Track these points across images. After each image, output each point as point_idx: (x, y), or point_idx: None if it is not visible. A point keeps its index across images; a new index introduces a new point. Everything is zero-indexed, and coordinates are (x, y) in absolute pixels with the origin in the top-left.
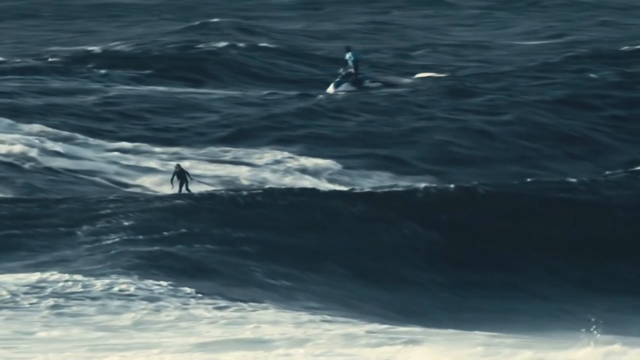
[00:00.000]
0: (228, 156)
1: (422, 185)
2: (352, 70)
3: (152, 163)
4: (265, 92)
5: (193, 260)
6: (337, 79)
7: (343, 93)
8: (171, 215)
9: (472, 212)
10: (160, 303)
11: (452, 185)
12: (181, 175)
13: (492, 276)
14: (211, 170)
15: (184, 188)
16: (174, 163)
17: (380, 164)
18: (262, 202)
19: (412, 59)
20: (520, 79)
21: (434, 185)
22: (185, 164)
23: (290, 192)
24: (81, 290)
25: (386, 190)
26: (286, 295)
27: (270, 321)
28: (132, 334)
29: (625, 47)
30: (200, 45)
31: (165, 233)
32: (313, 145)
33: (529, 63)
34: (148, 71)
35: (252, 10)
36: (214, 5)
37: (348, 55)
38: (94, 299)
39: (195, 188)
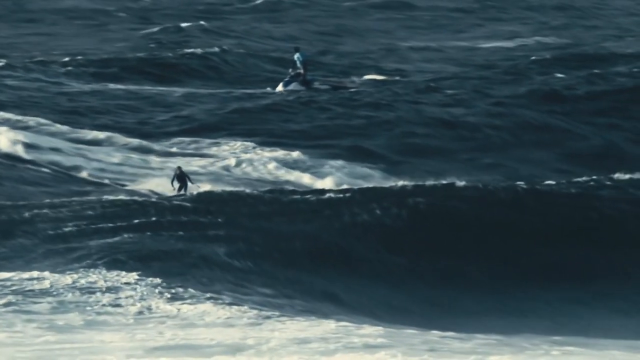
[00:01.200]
0: (192, 148)
1: (393, 176)
2: (301, 70)
3: (117, 155)
4: (228, 90)
5: (160, 248)
6: (287, 78)
7: (292, 92)
8: (138, 206)
9: (443, 203)
10: (121, 296)
11: (426, 181)
12: (181, 178)
13: (458, 268)
14: (174, 163)
15: (182, 191)
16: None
17: (344, 154)
18: (231, 192)
19: (366, 61)
20: (482, 80)
21: (405, 177)
22: (151, 157)
23: (258, 181)
24: (43, 286)
25: (358, 182)
26: (246, 280)
27: (223, 320)
28: (87, 335)
29: (587, 50)
30: (166, 47)
31: (135, 221)
32: (276, 138)
33: (490, 64)
34: (112, 70)
35: (214, 13)
36: (175, 9)
37: (297, 56)
38: (54, 294)
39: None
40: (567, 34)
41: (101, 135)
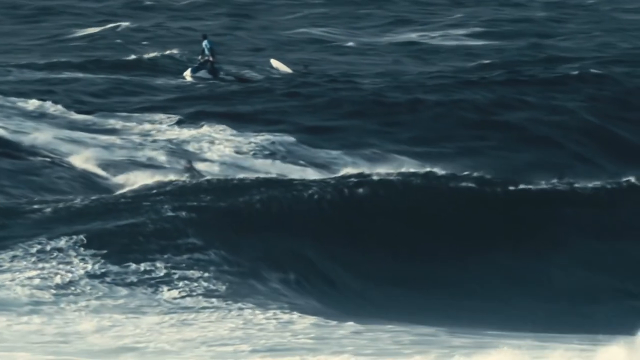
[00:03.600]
0: (122, 125)
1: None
2: (209, 58)
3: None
4: (151, 79)
5: (102, 221)
6: (195, 65)
7: (200, 79)
8: (80, 181)
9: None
10: (43, 274)
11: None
12: (190, 172)
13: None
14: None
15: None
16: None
17: (271, 130)
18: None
19: (279, 54)
20: (404, 73)
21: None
22: (84, 134)
23: (210, 162)
24: None
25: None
26: (183, 247)
27: (135, 307)
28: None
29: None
30: (103, 46)
31: (77, 201)
32: (202, 117)
33: (411, 56)
34: (53, 60)
35: (149, 11)
36: (113, 7)
37: (204, 43)
38: None
39: None
40: (493, 26)
41: (37, 110)
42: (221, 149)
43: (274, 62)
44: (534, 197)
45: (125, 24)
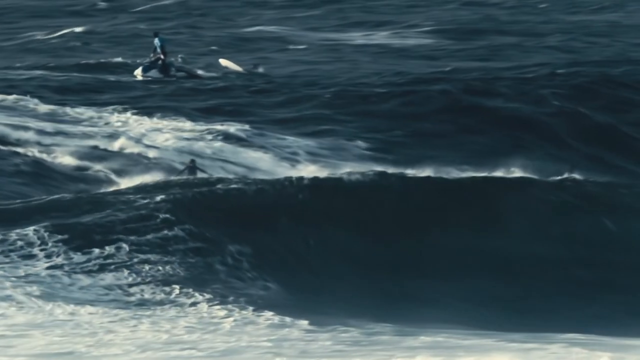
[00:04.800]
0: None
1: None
2: (160, 55)
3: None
4: (119, 77)
5: (86, 221)
6: (146, 64)
7: (150, 78)
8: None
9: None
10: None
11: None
12: (192, 172)
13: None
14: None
15: None
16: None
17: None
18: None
19: (228, 53)
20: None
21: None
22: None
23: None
24: None
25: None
26: (158, 244)
27: (90, 294)
28: None
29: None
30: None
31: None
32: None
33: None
34: (11, 60)
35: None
36: (71, 9)
37: (156, 41)
38: None
39: None
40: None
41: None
42: (175, 139)
43: (223, 62)
44: (497, 181)
45: (82, 26)
